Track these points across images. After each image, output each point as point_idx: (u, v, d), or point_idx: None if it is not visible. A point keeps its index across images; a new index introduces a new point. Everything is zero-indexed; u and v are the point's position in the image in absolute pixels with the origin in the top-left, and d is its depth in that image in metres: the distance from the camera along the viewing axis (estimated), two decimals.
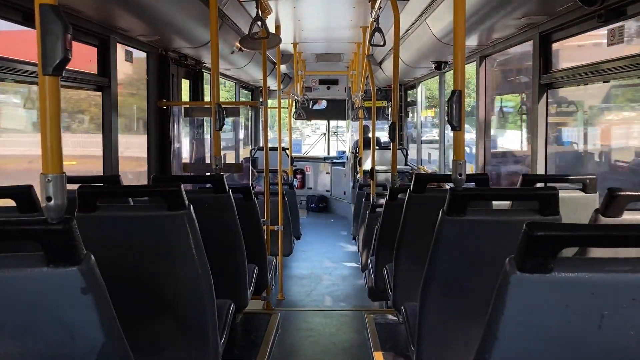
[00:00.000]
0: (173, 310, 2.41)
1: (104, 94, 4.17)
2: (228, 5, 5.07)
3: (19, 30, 3.15)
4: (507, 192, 2.86)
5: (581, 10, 3.37)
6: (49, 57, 1.31)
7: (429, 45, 5.59)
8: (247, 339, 4.26)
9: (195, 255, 2.30)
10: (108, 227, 2.31)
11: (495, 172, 5.94)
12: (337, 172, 11.74)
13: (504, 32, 4.48)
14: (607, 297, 1.22)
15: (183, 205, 2.24)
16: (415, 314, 2.50)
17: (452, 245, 2.23)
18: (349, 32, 7.36)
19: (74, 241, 1.31)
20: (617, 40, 3.33)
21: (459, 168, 2.26)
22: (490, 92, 5.72)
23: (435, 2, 4.63)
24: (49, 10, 1.31)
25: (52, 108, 1.35)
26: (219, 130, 3.50)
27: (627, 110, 4.12)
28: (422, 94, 9.44)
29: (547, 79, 4.09)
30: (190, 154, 6.50)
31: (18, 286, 1.32)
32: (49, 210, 1.35)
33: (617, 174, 4.03)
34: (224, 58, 6.09)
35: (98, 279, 1.37)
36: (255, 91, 10.75)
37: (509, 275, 1.24)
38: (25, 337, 1.37)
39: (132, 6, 3.55)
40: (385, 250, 3.94)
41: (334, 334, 4.71)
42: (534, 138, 4.25)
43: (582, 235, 1.25)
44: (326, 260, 7.90)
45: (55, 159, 1.36)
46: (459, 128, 2.26)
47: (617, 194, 2.21)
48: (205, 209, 2.96)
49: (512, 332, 1.27)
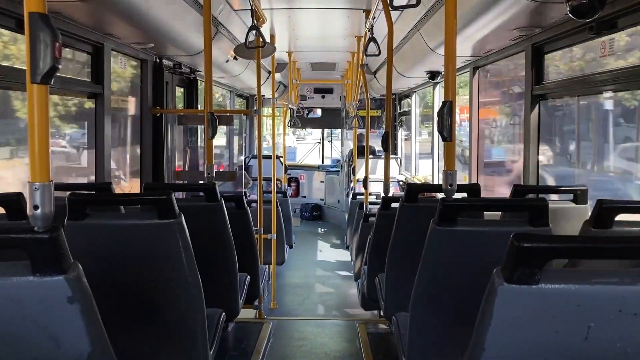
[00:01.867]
0: (162, 318, 2.40)
1: (97, 101, 4.16)
2: (223, 14, 5.08)
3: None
4: (497, 202, 2.87)
5: (573, 23, 3.40)
6: (37, 65, 1.31)
7: (423, 55, 5.62)
8: (238, 348, 4.23)
9: (185, 264, 2.29)
10: (98, 235, 2.29)
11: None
12: (331, 181, 11.75)
13: (497, 43, 4.51)
14: (594, 309, 1.23)
15: (173, 213, 2.23)
16: (406, 324, 2.49)
17: (442, 255, 2.23)
18: (343, 42, 7.39)
19: (61, 250, 1.30)
20: (608, 52, 3.36)
21: (449, 179, 2.26)
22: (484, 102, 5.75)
23: (429, 13, 4.66)
24: (38, 18, 1.31)
25: (41, 116, 1.34)
26: (212, 138, 3.50)
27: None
28: (416, 103, 9.47)
29: (540, 90, 4.11)
30: (183, 162, 6.49)
31: (3, 294, 1.31)
32: (35, 218, 1.34)
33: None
34: (219, 66, 6.09)
35: (85, 288, 1.36)
36: (250, 99, 10.76)
37: (496, 286, 1.24)
38: (11, 346, 1.36)
39: (126, 14, 3.56)
40: (377, 259, 3.94)
41: (326, 344, 4.69)
42: (526, 149, 4.27)
43: (568, 247, 1.26)
44: (319, 269, 7.88)
45: (43, 168, 1.36)
46: (450, 139, 2.27)
47: (606, 205, 2.22)
48: (196, 217, 2.95)
49: (499, 343, 1.28)
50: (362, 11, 5.60)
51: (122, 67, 4.89)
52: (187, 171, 6.36)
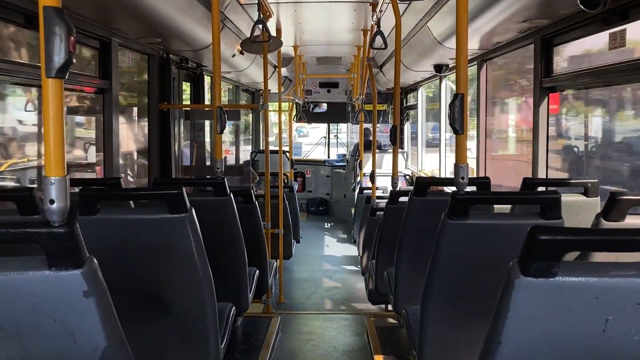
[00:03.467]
0: (174, 313, 2.40)
1: (104, 97, 4.16)
2: (229, 8, 5.07)
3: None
4: (509, 196, 2.85)
5: (583, 14, 3.37)
6: (52, 59, 1.31)
7: (430, 49, 5.59)
8: (247, 342, 4.25)
9: (196, 258, 2.30)
10: (109, 230, 2.30)
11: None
12: (338, 175, 11.74)
13: (505, 35, 4.48)
14: (612, 302, 1.22)
15: (185, 208, 2.23)
16: (416, 318, 2.49)
17: (453, 248, 2.22)
18: (349, 35, 7.37)
19: (77, 244, 1.30)
20: (619, 44, 3.33)
21: (461, 172, 2.25)
22: (491, 95, 5.72)
23: (436, 5, 4.63)
24: (53, 12, 1.31)
25: (56, 111, 1.34)
26: (220, 133, 3.50)
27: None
28: (423, 96, 9.44)
29: (549, 83, 4.09)
30: (190, 157, 6.49)
31: (20, 289, 1.31)
32: (51, 213, 1.34)
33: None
34: (225, 61, 6.09)
35: (100, 282, 1.36)
36: (256, 94, 10.75)
37: (513, 279, 1.23)
38: (27, 341, 1.36)
39: (133, 9, 3.55)
40: (385, 253, 3.94)
41: (334, 338, 4.70)
42: (535, 142, 4.25)
43: (586, 239, 1.25)
44: (326, 264, 7.88)
45: (58, 162, 1.36)
46: (462, 132, 2.26)
47: (619, 198, 2.21)
48: (206, 212, 2.96)
49: (515, 336, 1.27)
50: (368, 4, 5.58)
51: (129, 63, 4.90)
52: (195, 166, 6.37)
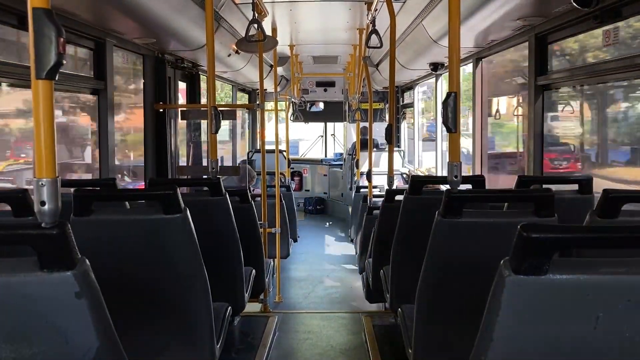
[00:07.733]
0: (169, 313, 2.40)
1: (100, 97, 4.15)
2: (224, 8, 5.07)
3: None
4: (502, 193, 2.86)
5: (577, 12, 3.37)
6: (42, 61, 1.31)
7: (425, 47, 5.60)
8: (244, 341, 4.25)
9: (191, 259, 2.30)
10: (104, 230, 2.30)
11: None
12: (335, 174, 11.74)
13: (500, 33, 4.48)
14: (603, 299, 1.22)
15: (179, 208, 2.23)
16: (412, 316, 2.50)
17: (447, 246, 2.23)
18: (345, 34, 7.37)
19: (68, 245, 1.30)
20: (613, 42, 3.33)
21: (454, 170, 2.26)
22: (487, 94, 5.72)
23: (431, 4, 4.64)
24: (42, 14, 1.30)
25: (46, 112, 1.34)
26: (215, 133, 3.50)
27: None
28: (419, 95, 9.45)
29: (543, 80, 4.09)
30: (187, 157, 6.49)
31: (11, 291, 1.31)
32: (42, 214, 1.34)
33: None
34: (221, 60, 6.08)
35: (92, 284, 1.36)
36: (252, 93, 10.74)
37: (505, 277, 1.24)
38: (19, 343, 1.36)
39: (128, 9, 3.55)
40: (382, 252, 3.94)
41: (332, 337, 4.70)
42: (530, 139, 4.26)
43: (577, 237, 1.25)
44: (324, 263, 7.89)
45: (48, 163, 1.36)
46: (455, 130, 2.27)
47: (612, 195, 2.21)
48: (201, 212, 2.96)
49: (507, 334, 1.27)
50: (363, 3, 5.58)
51: (125, 63, 4.89)
52: (190, 166, 6.36)
